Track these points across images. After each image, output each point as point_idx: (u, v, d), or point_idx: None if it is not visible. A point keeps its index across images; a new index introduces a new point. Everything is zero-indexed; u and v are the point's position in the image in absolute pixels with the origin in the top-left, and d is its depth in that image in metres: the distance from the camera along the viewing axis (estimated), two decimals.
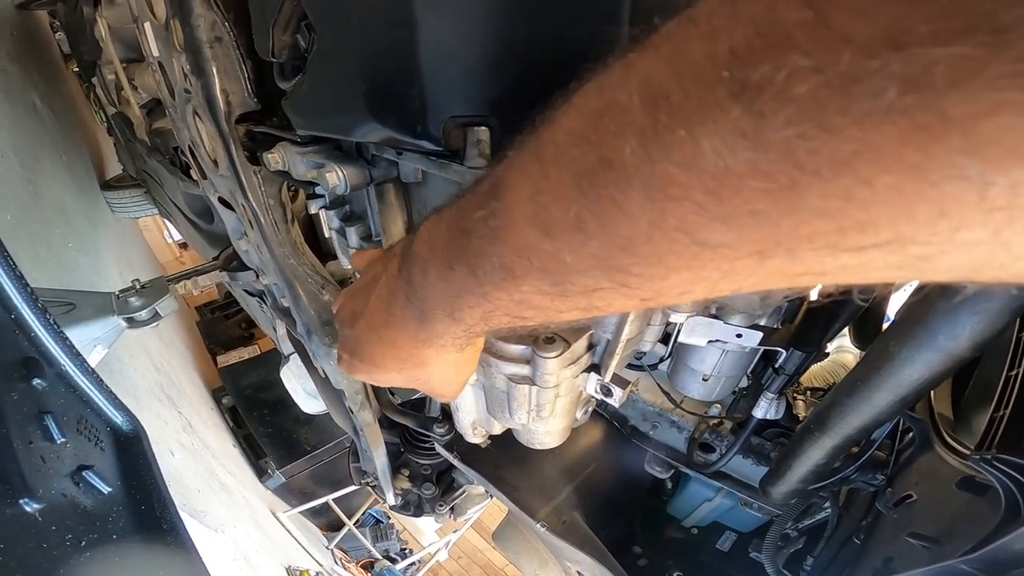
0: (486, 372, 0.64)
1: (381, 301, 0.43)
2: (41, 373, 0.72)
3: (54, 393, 0.75)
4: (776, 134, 0.17)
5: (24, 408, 0.67)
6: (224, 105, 0.77)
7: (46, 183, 2.26)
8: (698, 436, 1.21)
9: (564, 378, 0.62)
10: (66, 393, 0.79)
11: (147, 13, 0.92)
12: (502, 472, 1.21)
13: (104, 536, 0.69)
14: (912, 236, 0.17)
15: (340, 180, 0.63)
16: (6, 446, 0.61)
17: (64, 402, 0.78)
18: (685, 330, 0.83)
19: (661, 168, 0.20)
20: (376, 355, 0.46)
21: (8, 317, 0.69)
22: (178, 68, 0.83)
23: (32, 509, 0.61)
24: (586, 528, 1.31)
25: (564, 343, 0.60)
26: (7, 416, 0.63)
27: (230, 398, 3.68)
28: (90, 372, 0.81)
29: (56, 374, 0.77)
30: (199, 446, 2.80)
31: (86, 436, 0.80)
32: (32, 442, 0.66)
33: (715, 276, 0.22)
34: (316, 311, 0.92)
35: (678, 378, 0.99)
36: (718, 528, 1.47)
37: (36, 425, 0.69)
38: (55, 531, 0.61)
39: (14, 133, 2.15)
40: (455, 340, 0.39)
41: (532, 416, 0.66)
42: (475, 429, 0.86)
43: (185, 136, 1.00)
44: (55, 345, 0.75)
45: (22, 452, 0.62)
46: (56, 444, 0.70)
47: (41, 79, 2.75)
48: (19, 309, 0.70)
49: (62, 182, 2.50)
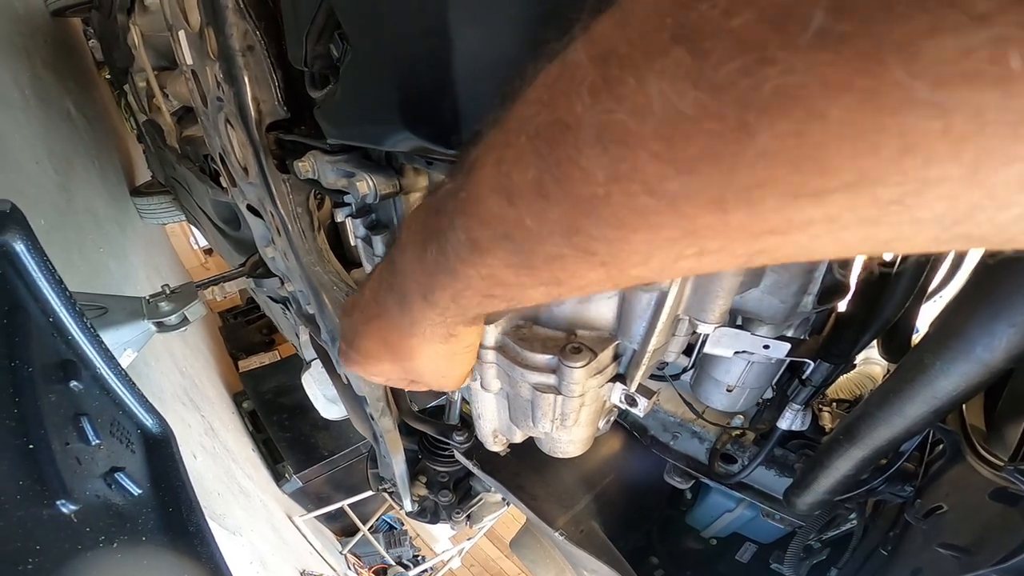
0: (511, 381, 0.64)
1: (372, 290, 0.43)
2: (78, 376, 0.74)
3: (89, 396, 0.77)
4: (718, 72, 0.17)
5: (62, 410, 0.69)
6: (255, 113, 0.79)
7: (78, 189, 2.32)
8: (720, 447, 1.20)
9: (590, 387, 0.62)
10: (100, 396, 0.81)
11: (181, 21, 0.95)
12: (521, 480, 1.21)
13: (134, 537, 0.70)
14: (878, 175, 0.16)
15: (370, 189, 0.64)
16: (45, 448, 0.62)
17: (98, 404, 0.79)
18: (711, 341, 0.82)
19: (613, 118, 0.20)
20: (369, 346, 0.46)
21: (47, 320, 0.71)
22: (211, 76, 0.85)
23: (68, 510, 0.62)
24: (604, 537, 1.30)
25: (591, 353, 0.60)
26: (46, 418, 0.65)
27: (250, 402, 3.73)
28: (123, 375, 0.82)
29: (92, 377, 0.79)
30: (220, 449, 2.84)
31: (118, 438, 0.82)
32: (69, 443, 0.68)
33: (676, 236, 0.21)
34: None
35: (701, 389, 0.98)
36: (738, 539, 1.45)
37: (72, 427, 0.70)
38: (89, 532, 0.62)
39: (49, 139, 2.21)
40: (434, 327, 0.39)
41: (556, 425, 0.66)
42: (496, 437, 0.86)
43: (216, 144, 1.03)
44: (91, 348, 0.77)
45: (60, 454, 0.64)
46: (91, 446, 0.72)
47: (75, 86, 2.82)
48: (58, 313, 0.72)
49: (94, 188, 2.57)
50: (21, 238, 0.63)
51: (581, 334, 0.62)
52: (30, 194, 1.83)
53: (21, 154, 1.89)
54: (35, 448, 0.60)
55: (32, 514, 0.52)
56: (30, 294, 0.68)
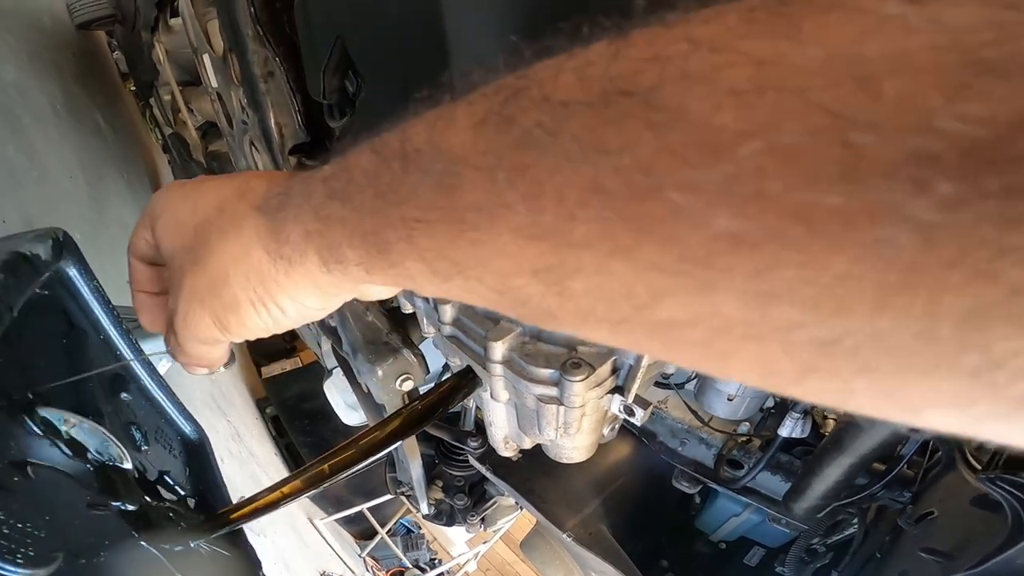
0: (517, 393, 0.70)
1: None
2: (127, 387, 0.81)
3: (137, 406, 0.85)
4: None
5: (118, 420, 0.76)
6: (278, 137, 0.83)
7: (109, 200, 2.41)
8: (726, 452, 1.24)
9: (589, 399, 0.67)
10: (146, 405, 0.88)
11: (205, 45, 1.01)
12: (532, 484, 1.27)
13: (182, 536, 0.76)
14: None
15: None
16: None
17: (144, 413, 0.87)
18: None
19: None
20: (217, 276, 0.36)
21: (99, 338, 0.79)
22: (236, 100, 0.91)
23: (128, 509, 0.69)
24: (612, 540, 1.35)
25: (589, 367, 0.65)
26: (107, 429, 0.72)
27: (273, 408, 3.83)
28: (164, 385, 0.90)
29: (137, 388, 0.86)
30: (246, 454, 2.93)
31: (162, 444, 0.89)
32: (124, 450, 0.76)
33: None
34: (361, 330, 1.00)
35: (705, 397, 1.03)
36: (746, 543, 1.48)
37: (125, 435, 0.78)
38: (144, 531, 0.69)
39: (81, 152, 2.30)
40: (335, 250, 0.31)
41: (560, 433, 0.72)
42: (507, 443, 0.92)
43: (243, 164, 1.09)
44: (135, 361, 0.84)
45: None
46: (141, 452, 0.80)
47: (103, 98, 2.92)
48: (107, 330, 0.79)
49: (123, 199, 2.67)
50: (74, 263, 0.69)
51: (581, 350, 0.67)
52: (65, 208, 1.92)
53: (56, 169, 1.98)
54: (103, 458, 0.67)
55: (100, 515, 0.59)
56: (83, 315, 0.75)
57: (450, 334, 0.77)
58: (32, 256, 0.57)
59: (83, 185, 2.17)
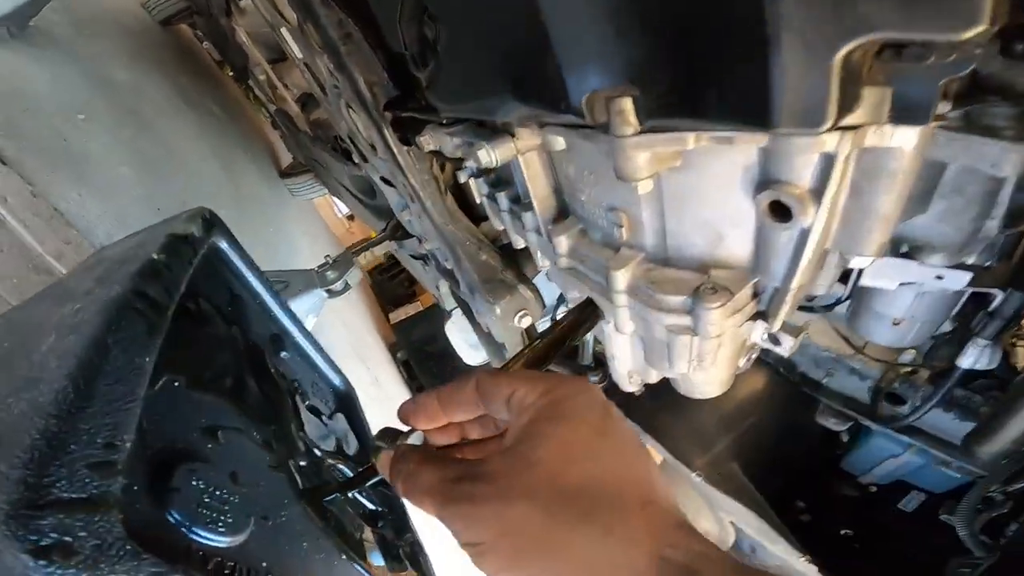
0: (645, 323, 0.65)
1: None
2: (284, 347, 0.89)
3: (294, 363, 0.92)
4: None
5: (284, 378, 0.83)
6: (370, 95, 0.83)
7: (241, 177, 2.68)
8: (885, 386, 1.09)
9: (727, 328, 0.60)
10: (302, 362, 0.96)
11: (279, 19, 1.02)
12: (657, 421, 1.23)
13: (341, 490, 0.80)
14: None
15: (490, 156, 0.66)
16: (289, 413, 0.76)
17: (302, 369, 0.94)
18: (870, 272, 0.74)
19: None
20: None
21: (256, 303, 0.85)
22: (323, 67, 0.90)
23: (304, 464, 0.76)
24: (744, 479, 1.28)
25: (727, 292, 0.58)
26: (280, 387, 0.78)
27: (404, 352, 4.16)
28: (314, 341, 0.97)
29: (293, 345, 0.94)
30: (385, 399, 3.23)
31: (319, 397, 0.97)
32: (295, 407, 0.82)
33: None
34: (476, 271, 1.00)
35: (861, 321, 0.89)
36: (902, 487, 1.33)
37: (290, 393, 0.85)
38: (314, 483, 0.74)
39: (206, 138, 2.55)
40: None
41: (693, 366, 0.67)
42: (631, 378, 0.89)
43: (343, 126, 1.11)
44: (288, 321, 0.91)
45: (293, 420, 0.77)
46: (304, 406, 0.87)
47: (208, 87, 3.19)
48: (261, 295, 0.85)
49: (252, 175, 2.95)
50: (224, 237, 0.74)
51: (715, 274, 0.60)
52: (208, 190, 2.16)
53: (190, 156, 2.21)
54: (282, 415, 0.73)
55: (279, 476, 0.65)
56: (239, 283, 0.81)
57: (567, 266, 0.73)
58: (188, 235, 0.61)
59: (217, 168, 2.41)
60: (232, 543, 0.42)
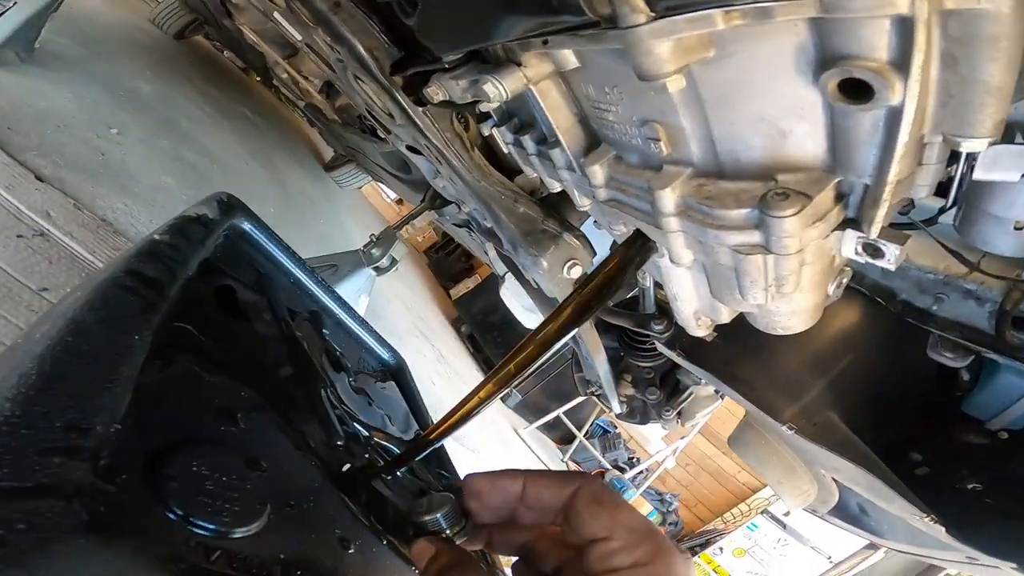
0: (705, 248, 0.55)
1: None
2: (325, 324, 0.87)
3: (337, 338, 0.90)
4: None
5: (325, 354, 0.81)
6: (373, 61, 0.80)
7: (286, 176, 2.76)
8: (1011, 308, 0.91)
9: (809, 240, 0.49)
10: (345, 337, 0.95)
11: (269, 4, 1.00)
12: (735, 368, 1.11)
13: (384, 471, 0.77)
14: None
15: (498, 88, 0.59)
16: (330, 390, 0.74)
17: (346, 345, 0.93)
18: (983, 163, 0.60)
19: None
20: None
21: (290, 282, 0.84)
22: (321, 42, 0.88)
23: (355, 433, 0.73)
24: (845, 430, 1.13)
25: (802, 197, 0.47)
26: (315, 364, 0.76)
27: (467, 326, 4.21)
28: (358, 317, 0.95)
29: (334, 322, 0.92)
30: (452, 374, 3.29)
31: (367, 372, 0.96)
32: (336, 379, 0.81)
33: None
34: (516, 224, 0.93)
35: (974, 230, 0.74)
36: None
37: (332, 366, 0.83)
38: (358, 456, 0.72)
39: (246, 142, 2.64)
40: None
41: (771, 294, 0.56)
42: (698, 320, 0.78)
43: (360, 101, 1.08)
44: (328, 298, 0.89)
45: (334, 395, 0.75)
46: (350, 378, 0.85)
47: (238, 93, 3.30)
48: (295, 274, 0.84)
49: (297, 173, 3.03)
50: (246, 218, 0.73)
51: (783, 179, 0.49)
52: (255, 191, 2.22)
53: (231, 161, 2.28)
54: (315, 394, 0.71)
55: (308, 457, 0.61)
56: (269, 262, 0.80)
57: (607, 197, 0.64)
58: (199, 216, 0.59)
59: (259, 169, 2.49)
60: (241, 533, 0.38)
